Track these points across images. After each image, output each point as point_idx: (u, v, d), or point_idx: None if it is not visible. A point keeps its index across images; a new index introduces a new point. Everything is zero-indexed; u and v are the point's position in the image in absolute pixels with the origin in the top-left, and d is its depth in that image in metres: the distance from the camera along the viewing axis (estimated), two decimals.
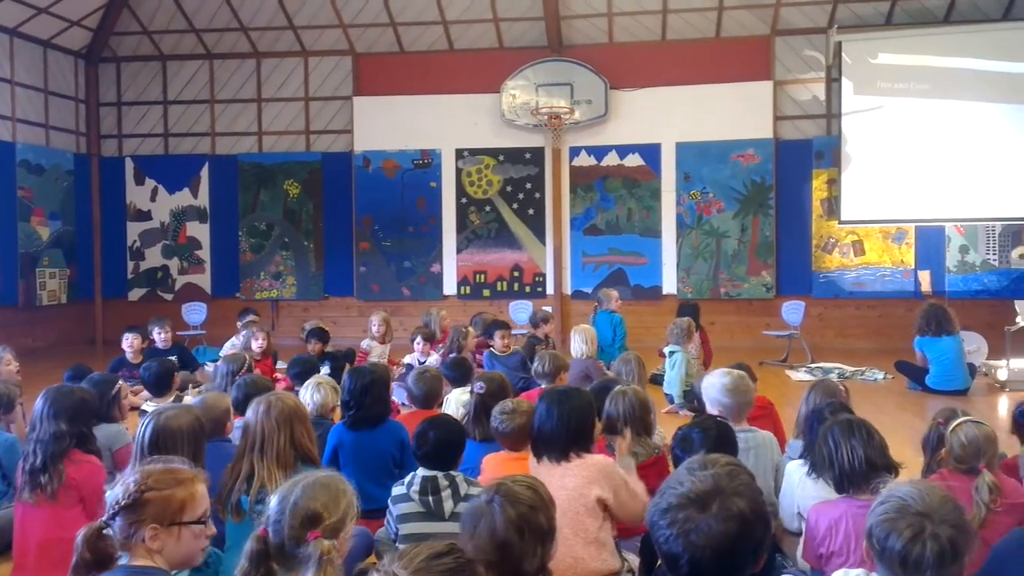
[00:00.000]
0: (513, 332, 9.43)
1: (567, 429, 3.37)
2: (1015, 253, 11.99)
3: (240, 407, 4.28)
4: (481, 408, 4.36)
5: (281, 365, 8.51)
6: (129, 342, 8.09)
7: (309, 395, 4.77)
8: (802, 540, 3.30)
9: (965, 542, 2.10)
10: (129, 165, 13.80)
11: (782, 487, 3.86)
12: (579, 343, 7.37)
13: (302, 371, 6.08)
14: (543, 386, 5.77)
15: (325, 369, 7.60)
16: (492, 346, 7.80)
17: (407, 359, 8.14)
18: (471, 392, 4.58)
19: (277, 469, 3.32)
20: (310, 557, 2.13)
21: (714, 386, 4.15)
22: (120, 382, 4.80)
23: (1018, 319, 9.20)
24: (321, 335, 8.42)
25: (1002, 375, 8.72)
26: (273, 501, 2.33)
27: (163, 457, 2.61)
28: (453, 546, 1.88)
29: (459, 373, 5.87)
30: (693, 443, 3.29)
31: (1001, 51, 11.59)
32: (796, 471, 3.73)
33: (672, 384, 7.52)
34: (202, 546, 2.44)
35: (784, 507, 3.80)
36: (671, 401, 7.51)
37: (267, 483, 3.27)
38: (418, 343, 8.05)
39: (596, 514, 3.24)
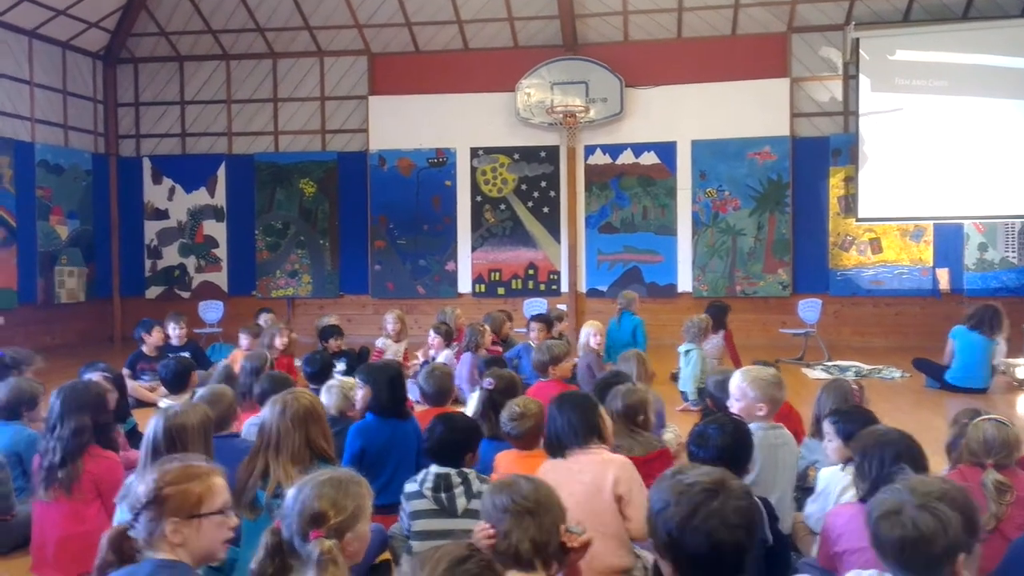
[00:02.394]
0: (517, 330, 9.43)
1: (571, 428, 3.45)
2: None
3: (264, 401, 4.29)
4: (490, 405, 4.35)
5: (298, 363, 8.54)
6: (155, 337, 8.18)
7: (322, 399, 4.76)
8: (817, 542, 3.28)
9: (968, 522, 2.12)
10: (147, 165, 13.91)
11: (817, 491, 3.80)
12: (587, 335, 7.41)
13: (317, 370, 6.08)
14: (540, 378, 5.76)
15: (341, 366, 7.64)
16: (528, 338, 7.82)
17: (420, 356, 8.16)
18: (481, 388, 4.57)
19: (292, 468, 3.33)
20: (311, 556, 2.15)
21: (765, 380, 4.05)
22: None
23: None
24: (338, 332, 8.48)
25: (1020, 373, 8.62)
26: (288, 496, 2.36)
27: (181, 455, 2.65)
28: (472, 548, 1.87)
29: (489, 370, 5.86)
30: (710, 439, 3.24)
31: (1019, 47, 11.48)
32: (835, 480, 3.65)
33: (686, 382, 7.51)
34: (224, 538, 2.47)
35: (813, 511, 3.76)
36: (686, 399, 7.50)
37: (283, 481, 3.29)
38: (432, 338, 8.07)
39: (614, 510, 3.26)
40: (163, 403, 5.77)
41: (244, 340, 8.22)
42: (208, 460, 2.58)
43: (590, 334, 7.44)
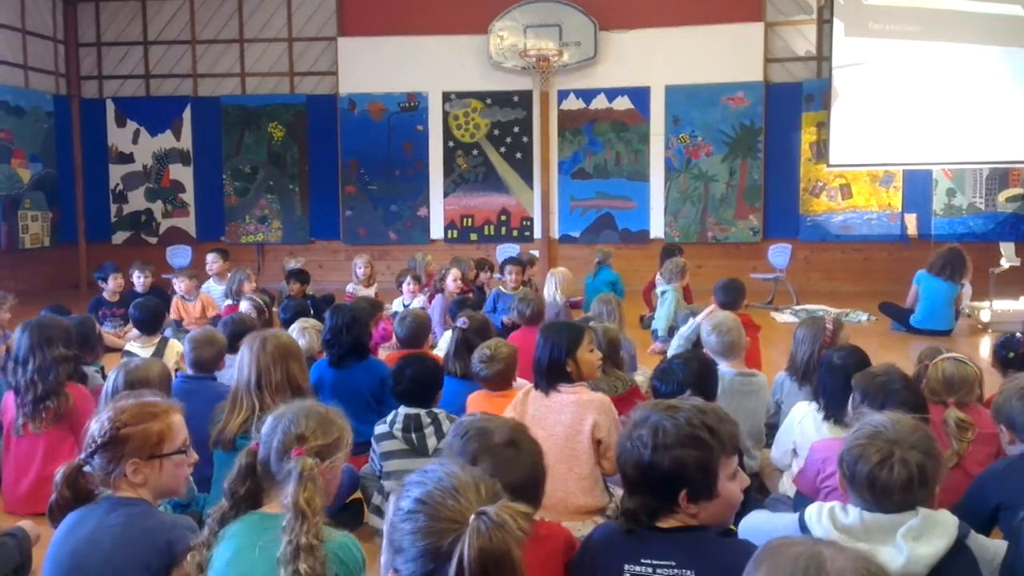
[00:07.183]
0: (495, 276, 9.41)
1: (550, 358, 3.38)
2: (1001, 196, 12.01)
3: (228, 346, 4.29)
4: (463, 344, 4.36)
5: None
6: (115, 282, 8.10)
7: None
8: (798, 469, 3.29)
9: (934, 468, 2.14)
10: (110, 107, 13.57)
11: (784, 425, 3.79)
12: (552, 287, 7.43)
13: (294, 315, 6.05)
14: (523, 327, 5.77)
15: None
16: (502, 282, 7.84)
17: (395, 304, 8.12)
18: (454, 328, 4.59)
19: (273, 403, 3.31)
20: (290, 473, 2.09)
21: (703, 328, 4.11)
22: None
23: (1002, 261, 9.26)
24: (300, 276, 8.43)
25: (985, 316, 8.79)
26: (267, 423, 2.30)
27: (134, 392, 2.61)
28: None
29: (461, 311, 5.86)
30: (673, 374, 3.26)
31: None
32: (802, 413, 3.64)
33: (659, 320, 7.56)
34: (185, 475, 2.47)
35: (781, 443, 3.75)
36: (655, 337, 7.55)
37: (262, 416, 3.27)
38: (407, 284, 8.05)
39: (590, 452, 3.26)
40: (131, 346, 5.72)
41: (179, 285, 8.12)
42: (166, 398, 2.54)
43: (556, 285, 7.46)
